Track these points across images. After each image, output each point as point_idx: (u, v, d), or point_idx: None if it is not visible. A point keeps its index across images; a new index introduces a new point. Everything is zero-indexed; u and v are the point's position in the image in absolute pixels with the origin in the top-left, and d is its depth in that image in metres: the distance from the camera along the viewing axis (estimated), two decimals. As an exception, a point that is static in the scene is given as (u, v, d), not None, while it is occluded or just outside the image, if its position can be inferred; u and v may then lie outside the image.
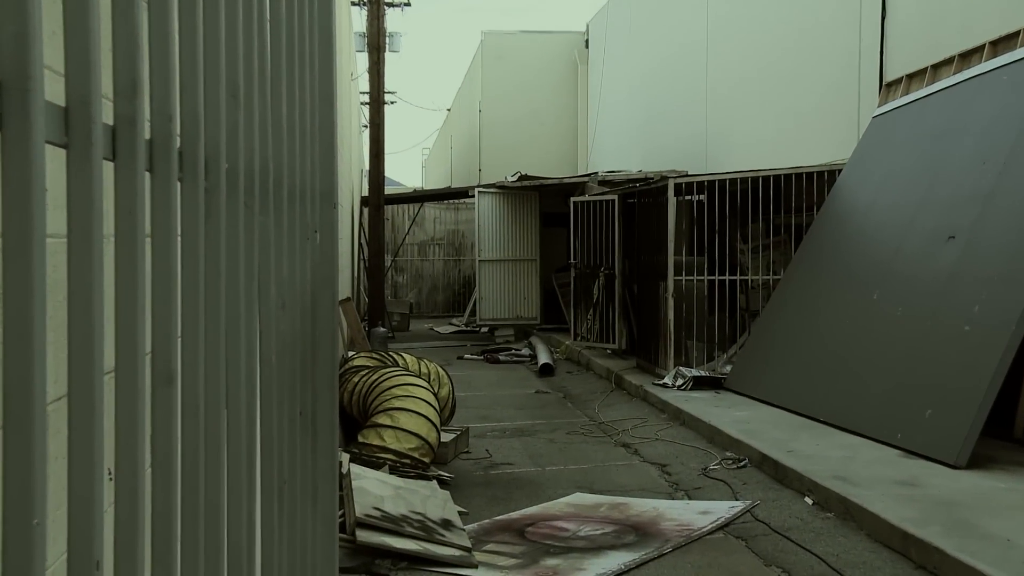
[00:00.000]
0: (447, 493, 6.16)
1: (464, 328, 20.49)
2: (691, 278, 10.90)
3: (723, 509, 5.93)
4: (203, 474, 1.38)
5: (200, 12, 1.40)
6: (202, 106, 1.40)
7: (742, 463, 7.15)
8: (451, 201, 24.52)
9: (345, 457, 6.23)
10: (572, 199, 14.17)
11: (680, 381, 10.12)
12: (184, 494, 1.35)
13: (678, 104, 17.50)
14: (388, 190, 21.62)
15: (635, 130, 20.52)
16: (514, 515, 5.91)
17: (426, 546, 5.01)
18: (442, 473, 6.80)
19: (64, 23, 1.03)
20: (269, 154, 1.82)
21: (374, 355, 8.22)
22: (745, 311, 11.61)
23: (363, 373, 7.43)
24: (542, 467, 7.40)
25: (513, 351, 15.30)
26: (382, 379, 7.17)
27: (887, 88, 10.14)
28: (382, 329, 15.17)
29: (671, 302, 10.78)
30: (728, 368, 10.45)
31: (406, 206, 24.41)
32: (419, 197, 22.21)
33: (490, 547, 5.29)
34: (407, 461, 6.61)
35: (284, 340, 1.94)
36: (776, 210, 10.96)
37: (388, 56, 26.96)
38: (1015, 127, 7.56)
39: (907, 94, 9.69)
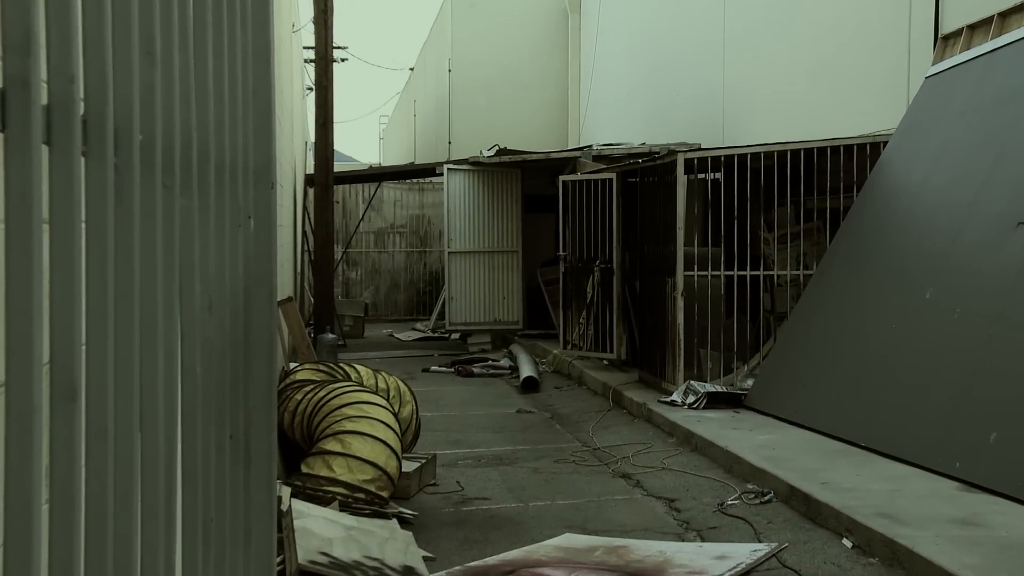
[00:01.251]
0: (409, 534, 6.17)
1: (431, 334, 20.48)
2: (705, 273, 10.95)
3: (744, 553, 5.96)
4: (111, 510, 1.38)
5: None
6: (110, 65, 1.41)
7: (766, 497, 7.20)
8: (415, 180, 24.50)
9: (285, 491, 6.22)
10: (561, 178, 14.20)
11: (691, 398, 10.17)
12: (88, 534, 1.35)
13: (689, 63, 17.56)
14: (339, 167, 21.56)
15: (637, 95, 20.58)
16: (491, 561, 5.92)
17: (384, 599, 5.02)
18: (404, 510, 6.81)
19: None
20: (193, 123, 1.82)
21: (321, 367, 8.22)
22: (770, 313, 11.67)
23: (308, 389, 7.42)
24: (525, 502, 7.42)
25: (490, 362, 15.33)
26: (331, 396, 7.17)
27: (943, 42, 10.20)
28: (331, 336, 15.15)
29: (681, 302, 10.83)
30: (749, 382, 10.51)
31: (360, 186, 24.36)
32: (376, 175, 22.18)
33: (462, 600, 5.30)
34: (361, 496, 6.61)
35: (211, 348, 1.94)
36: (808, 191, 11.03)
37: (338, 3, 26.93)
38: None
39: (968, 49, 9.75)
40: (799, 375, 9.54)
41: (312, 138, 20.80)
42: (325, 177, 17.09)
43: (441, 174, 17.99)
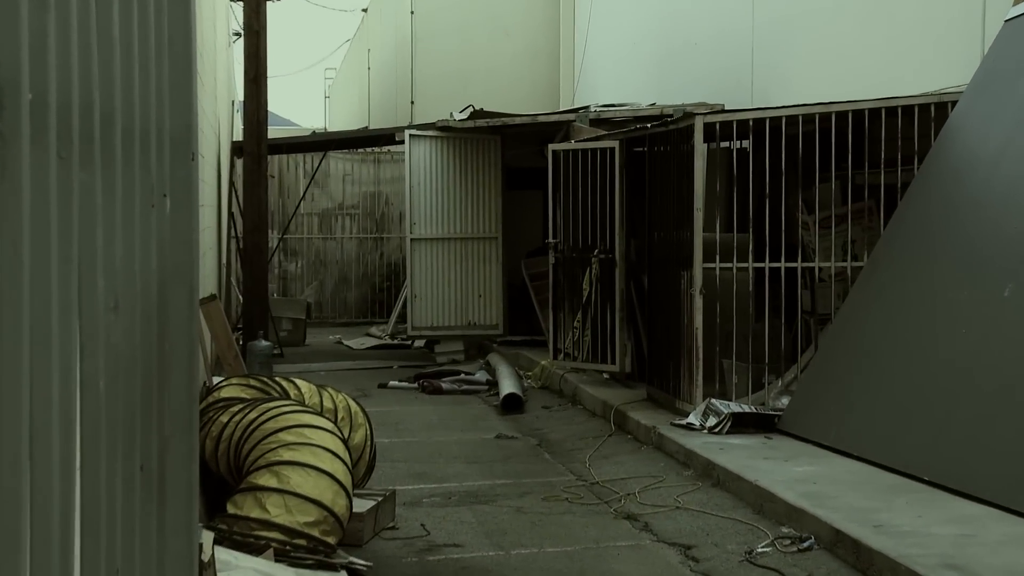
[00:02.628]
0: (363, 591, 6.17)
1: (389, 341, 20.45)
2: (729, 266, 10.98)
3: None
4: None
5: None
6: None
7: (805, 544, 7.23)
8: (369, 150, 24.46)
9: (207, 536, 6.21)
10: (551, 147, 14.20)
11: (712, 421, 10.21)
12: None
13: (710, 5, 17.60)
14: (274, 132, 21.49)
15: (645, 44, 20.60)
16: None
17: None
18: (355, 560, 6.81)
19: None
20: (94, 80, 1.81)
21: (252, 382, 8.21)
22: (809, 315, 11.70)
23: (236, 410, 7.42)
24: (506, 550, 7.43)
25: (463, 376, 15.33)
26: (264, 418, 7.17)
27: (1022, -19, 10.24)
28: (264, 343, 15.11)
29: (699, 301, 10.86)
30: (784, 401, 10.55)
31: (301, 157, 24.29)
32: (321, 143, 22.14)
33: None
34: (302, 542, 6.62)
35: (118, 358, 1.94)
36: (857, 163, 11.07)
37: (272, -72, 26.82)
38: None
39: (1052, -9, 9.80)
40: (846, 392, 9.58)
41: (240, 97, 20.74)
42: (257, 145, 17.04)
43: (401, 142, 17.94)
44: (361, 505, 7.48)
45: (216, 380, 9.04)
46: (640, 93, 19.76)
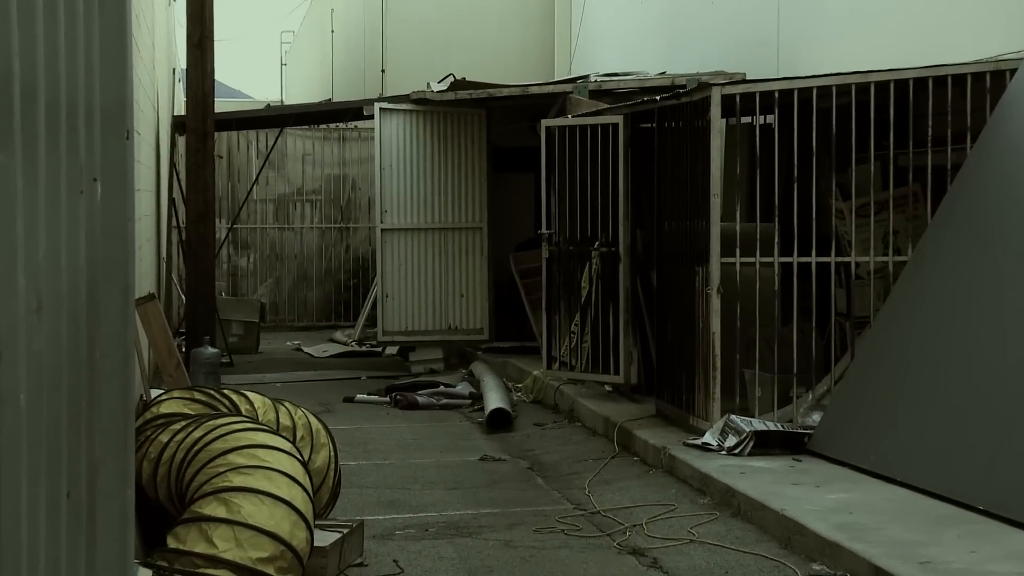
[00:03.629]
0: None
1: (356, 348, 20.44)
2: (751, 260, 10.97)
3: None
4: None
5: None
6: None
7: (839, 582, 7.25)
8: (333, 126, 24.40)
9: (145, 574, 6.22)
10: (544, 123, 14.20)
11: (732, 440, 10.21)
12: None
13: (731, -44, 17.60)
14: (223, 105, 21.44)
15: (655, 4, 20.60)
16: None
17: None
18: (317, 603, 6.81)
19: None
20: (13, 44, 1.81)
21: (197, 395, 8.20)
22: (845, 318, 11.70)
23: (178, 428, 7.41)
24: (492, 592, 7.44)
25: (442, 388, 15.34)
26: (211, 438, 7.16)
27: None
28: (211, 350, 15.10)
29: (716, 302, 10.86)
30: (816, 417, 10.55)
31: (254, 134, 24.23)
32: (277, 118, 22.08)
33: None
34: (255, 583, 6.61)
35: (41, 367, 1.94)
36: (900, 141, 11.06)
37: None
38: None
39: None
40: (888, 407, 9.58)
41: (182, 64, 20.69)
42: (202, 121, 17.01)
43: (370, 117, 17.93)
44: (324, 538, 7.48)
45: (155, 393, 9.03)
46: (648, 60, 19.76)
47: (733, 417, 10.53)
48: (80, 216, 2.20)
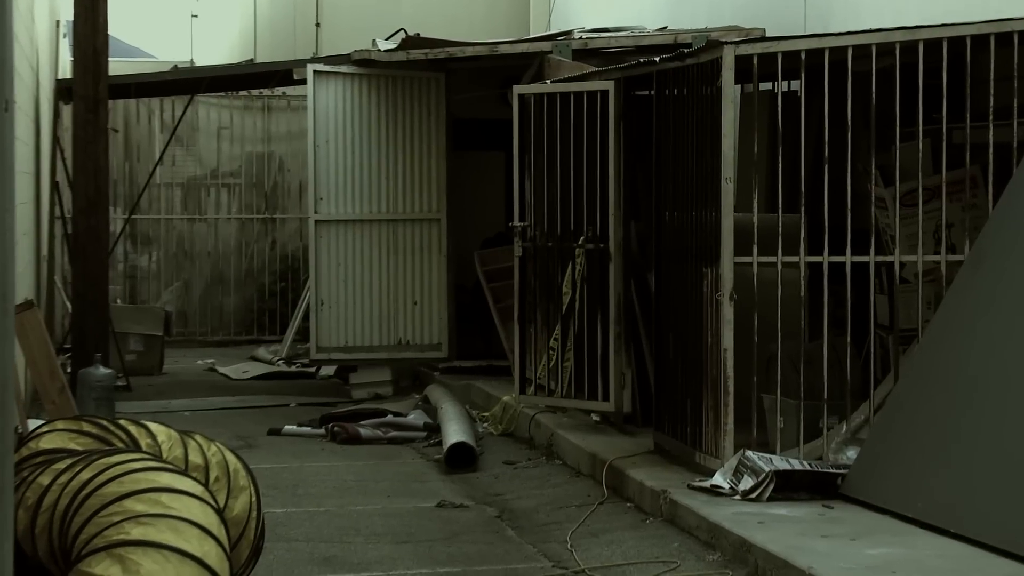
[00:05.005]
0: None
1: (284, 368, 20.38)
2: (772, 260, 10.96)
3: None
4: None
5: None
6: None
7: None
8: (256, 93, 24.32)
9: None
10: (518, 90, 14.18)
11: (748, 482, 10.21)
12: None
13: None
14: (120, 67, 21.39)
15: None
16: None
17: None
18: None
19: None
20: None
21: (86, 427, 8.16)
22: (887, 332, 11.73)
23: (62, 467, 7.37)
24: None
25: (390, 418, 15.30)
26: (104, 479, 7.12)
27: None
28: (104, 370, 15.02)
29: (729, 311, 10.85)
30: (851, 454, 10.56)
31: (157, 103, 24.16)
32: (187, 83, 21.98)
33: None
34: (157, 659, 6.58)
35: None
36: (956, 114, 11.08)
37: None
38: None
39: None
40: (940, 442, 9.59)
41: (68, 16, 20.58)
42: (93, 86, 16.95)
43: (303, 82, 17.90)
44: (243, 604, 7.46)
45: (33, 424, 8.99)
46: (645, 13, 19.80)
47: (749, 454, 10.53)
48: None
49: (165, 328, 21.32)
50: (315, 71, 17.64)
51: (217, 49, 41.00)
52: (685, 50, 12.26)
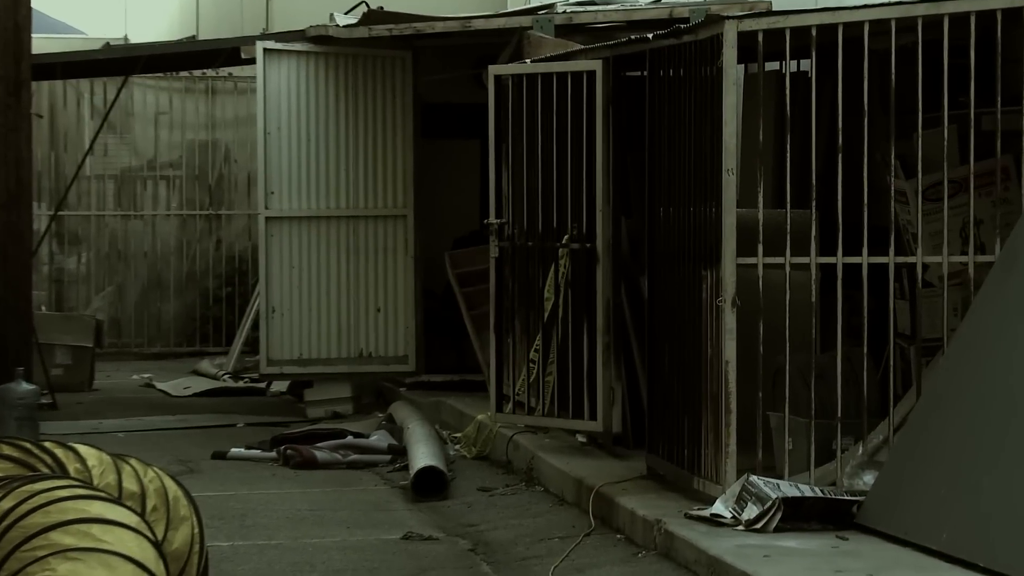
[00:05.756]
0: None
1: (230, 384, 20.35)
2: (779, 261, 10.96)
3: None
4: None
5: None
6: None
7: None
8: (199, 74, 24.32)
9: None
10: (494, 71, 14.18)
11: (753, 511, 10.20)
12: None
13: None
14: (44, 44, 21.32)
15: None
16: None
17: None
18: None
19: None
20: None
21: (6, 449, 8.14)
22: (908, 341, 11.74)
23: (-21, 495, 7.35)
24: None
25: (351, 439, 15.28)
26: (27, 509, 7.10)
27: None
28: (26, 386, 15.00)
29: (731, 319, 10.85)
30: (868, 479, 10.57)
31: (87, 85, 24.11)
32: (121, 63, 21.93)
33: None
34: None
35: None
36: (984, 98, 11.09)
37: None
38: None
39: None
40: (968, 466, 9.60)
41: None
42: (14, 66, 16.91)
43: (252, 61, 17.90)
44: (185, 649, 7.45)
45: (-52, 447, 8.97)
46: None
47: (754, 479, 10.53)
48: None
49: (96, 339, 21.27)
50: (265, 49, 17.62)
51: (155, 25, 40.96)
52: (682, 26, 12.28)
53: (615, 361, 13.26)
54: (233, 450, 15.17)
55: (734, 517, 10.28)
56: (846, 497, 10.32)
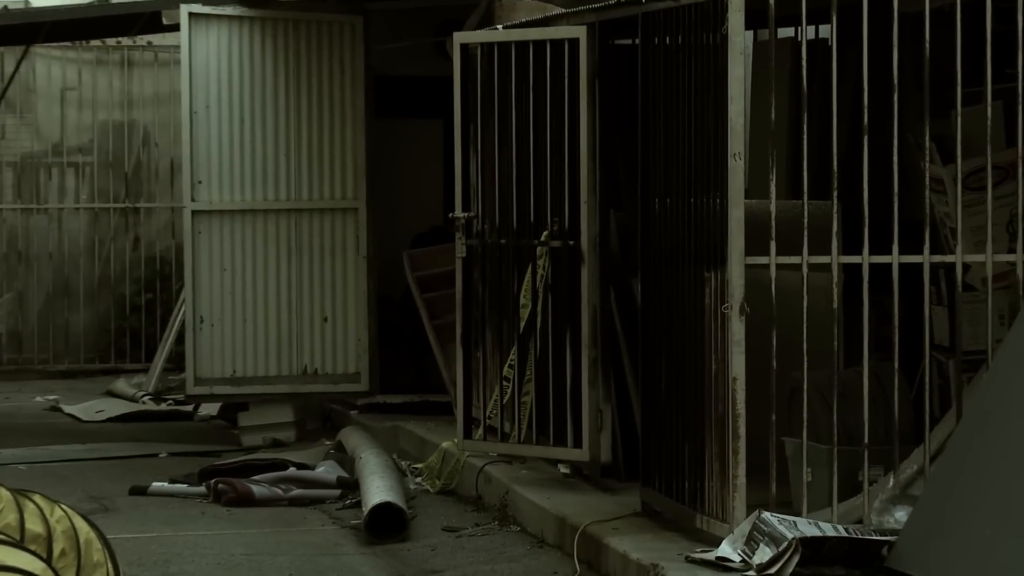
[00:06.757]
0: None
1: (152, 407, 20.33)
2: (795, 261, 10.98)
3: None
4: None
5: None
6: None
7: None
8: (113, 43, 24.29)
9: None
10: (459, 38, 14.19)
11: (766, 553, 10.20)
12: None
13: None
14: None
15: None
16: None
17: None
18: None
19: None
20: None
21: None
22: (947, 354, 11.75)
23: None
24: None
25: (293, 471, 15.28)
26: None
27: None
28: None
29: (739, 328, 10.85)
30: (900, 515, 10.58)
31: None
32: (20, 30, 21.94)
33: None
34: None
35: None
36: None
37: None
38: None
39: None
40: (1020, 501, 9.61)
41: None
42: None
43: (176, 27, 17.89)
44: None
45: None
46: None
47: (767, 516, 10.54)
48: None
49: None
50: (191, 13, 17.62)
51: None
52: (680, -16, 12.32)
53: (603, 379, 13.27)
54: (155, 484, 15.14)
55: (744, 561, 10.29)
56: (875, 537, 10.33)
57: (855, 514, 10.83)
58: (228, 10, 17.55)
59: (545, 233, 13.21)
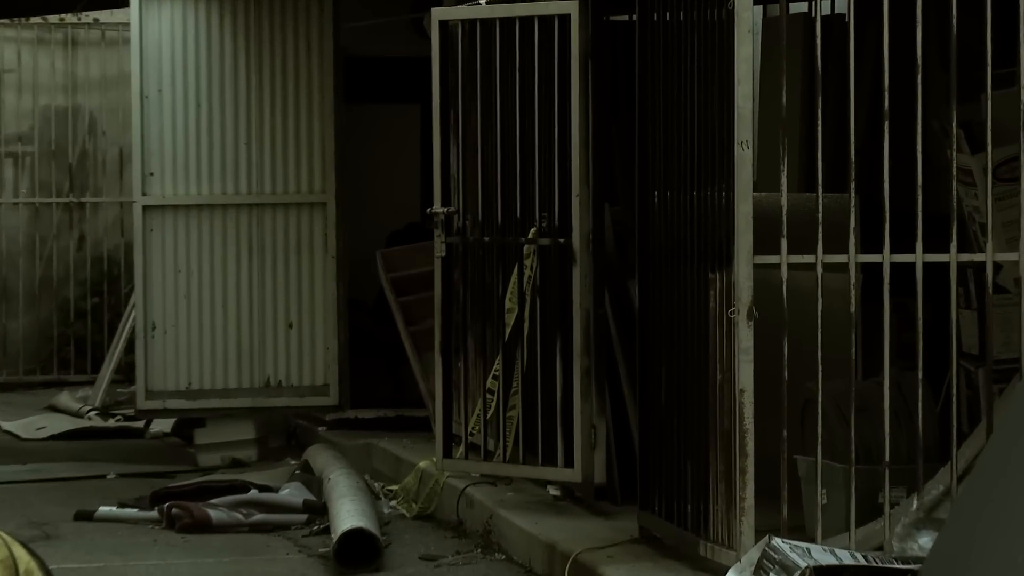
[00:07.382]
0: None
1: (99, 423, 20.32)
2: (809, 259, 11.00)
3: None
4: None
5: None
6: None
7: None
8: (56, 20, 24.30)
9: None
10: (438, 14, 14.20)
11: (777, 584, 10.26)
12: None
13: None
14: None
15: None
16: None
17: None
18: None
19: None
20: None
21: None
22: (976, 363, 11.77)
23: None
24: None
25: (254, 494, 15.27)
26: None
27: None
28: None
29: (747, 335, 10.86)
30: (924, 541, 10.60)
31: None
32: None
33: None
34: None
35: None
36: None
37: None
38: None
39: None
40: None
41: None
42: None
43: (124, 3, 17.90)
44: None
45: None
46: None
47: (777, 542, 10.54)
48: None
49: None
50: (144, -11, 17.67)
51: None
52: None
53: (597, 391, 13.28)
54: (102, 509, 15.12)
55: (755, 591, 10.32)
56: (896, 565, 10.34)
57: (875, 540, 10.85)
58: (185, -13, 17.60)
59: (533, 230, 13.22)
